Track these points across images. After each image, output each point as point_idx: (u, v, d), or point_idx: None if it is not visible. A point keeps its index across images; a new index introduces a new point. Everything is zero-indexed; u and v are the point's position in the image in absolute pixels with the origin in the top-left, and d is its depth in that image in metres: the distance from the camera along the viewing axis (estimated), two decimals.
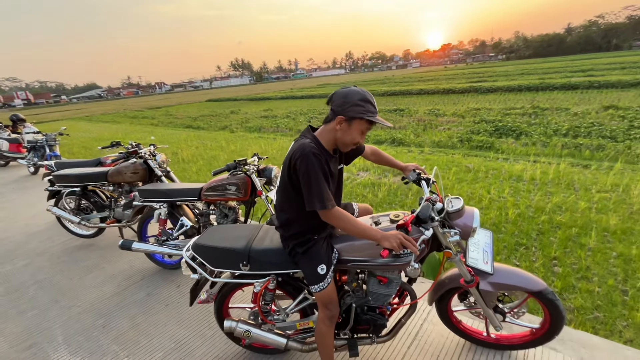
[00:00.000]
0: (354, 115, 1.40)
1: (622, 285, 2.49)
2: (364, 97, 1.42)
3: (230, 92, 50.96)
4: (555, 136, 7.72)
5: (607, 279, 2.57)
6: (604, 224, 3.36)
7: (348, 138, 1.47)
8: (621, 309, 2.26)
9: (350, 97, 1.41)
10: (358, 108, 1.40)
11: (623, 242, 3.04)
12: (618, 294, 2.39)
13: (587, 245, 3.01)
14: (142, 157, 3.43)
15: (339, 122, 1.43)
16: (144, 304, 2.68)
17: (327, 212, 1.42)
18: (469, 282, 1.66)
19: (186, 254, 1.79)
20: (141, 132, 14.14)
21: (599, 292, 2.44)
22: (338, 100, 1.43)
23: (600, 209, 3.70)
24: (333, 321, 1.60)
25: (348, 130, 1.44)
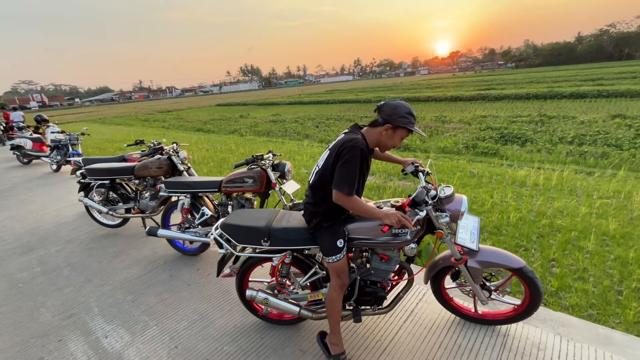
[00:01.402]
0: (399, 125, 1.68)
1: (618, 286, 2.63)
2: (410, 110, 1.70)
3: (240, 97, 51.79)
4: (561, 144, 7.85)
5: (603, 280, 2.70)
6: (604, 228, 3.49)
7: (390, 142, 1.76)
8: (615, 307, 2.40)
9: (399, 109, 1.69)
10: (404, 119, 1.68)
11: (621, 245, 3.18)
12: (613, 294, 2.53)
13: (585, 248, 3.15)
14: (167, 153, 3.73)
15: (387, 129, 1.71)
16: (168, 283, 2.97)
17: (348, 197, 1.69)
18: (459, 260, 1.93)
19: (215, 232, 2.09)
20: (153, 134, 14.60)
21: (595, 292, 2.58)
22: (388, 111, 1.70)
23: (601, 214, 3.84)
24: (343, 289, 1.88)
25: (392, 136, 1.73)
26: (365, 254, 1.99)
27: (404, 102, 1.73)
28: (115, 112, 37.55)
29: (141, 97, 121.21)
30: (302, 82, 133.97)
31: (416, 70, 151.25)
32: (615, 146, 7.28)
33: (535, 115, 11.49)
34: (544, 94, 17.34)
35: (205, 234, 3.12)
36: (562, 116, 11.04)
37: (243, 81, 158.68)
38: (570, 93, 16.61)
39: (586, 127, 9.14)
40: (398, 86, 40.39)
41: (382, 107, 1.73)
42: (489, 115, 12.58)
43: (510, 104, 16.15)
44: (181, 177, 3.47)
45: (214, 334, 2.30)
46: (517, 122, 10.67)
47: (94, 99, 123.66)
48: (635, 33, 67.74)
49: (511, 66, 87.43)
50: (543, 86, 21.44)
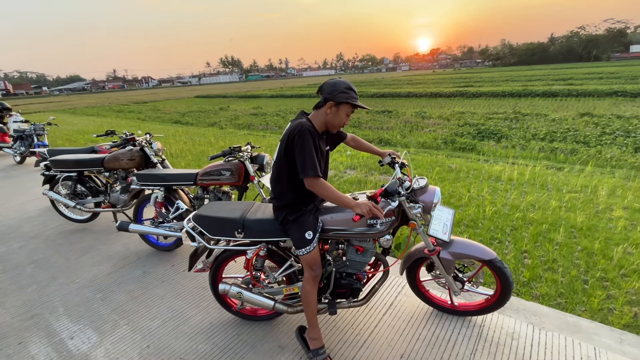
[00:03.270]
0: (341, 100, 1.69)
1: (584, 275, 2.76)
2: (349, 85, 1.73)
3: (220, 89, 50.57)
4: (534, 140, 8.13)
5: (571, 270, 2.82)
6: (572, 221, 3.65)
7: (336, 120, 1.75)
8: (581, 296, 2.52)
9: (338, 85, 1.71)
10: (344, 94, 1.70)
11: (587, 237, 3.33)
12: (580, 283, 2.65)
13: (555, 240, 3.28)
14: (139, 144, 3.56)
15: (330, 107, 1.72)
16: (141, 280, 2.84)
17: (315, 179, 1.66)
18: (432, 251, 1.95)
19: (187, 225, 2.01)
20: (127, 126, 14.01)
21: (563, 281, 2.69)
22: (328, 89, 1.73)
23: (570, 208, 4.01)
24: (316, 281, 1.86)
25: (337, 113, 1.74)
26: (341, 246, 1.97)
27: (343, 79, 1.74)
28: (87, 102, 35.74)
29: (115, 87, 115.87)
30: (267, 77, 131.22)
31: (398, 66, 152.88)
32: (584, 143, 7.62)
33: (511, 113, 11.85)
34: (518, 92, 17.92)
35: (180, 229, 3.01)
36: (535, 114, 11.45)
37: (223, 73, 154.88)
38: (543, 92, 17.25)
39: (557, 125, 9.52)
40: (380, 81, 40.63)
41: (322, 87, 1.74)
42: (467, 112, 12.88)
43: (487, 101, 16.62)
44: (154, 169, 3.32)
45: (188, 331, 2.22)
46: (494, 119, 10.98)
47: (63, 88, 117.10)
48: (603, 36, 71.35)
49: (488, 64, 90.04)
50: (518, 84, 22.16)
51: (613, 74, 25.93)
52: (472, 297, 2.37)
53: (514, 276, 2.79)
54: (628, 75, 23.32)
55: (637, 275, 2.69)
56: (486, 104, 15.75)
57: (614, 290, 2.55)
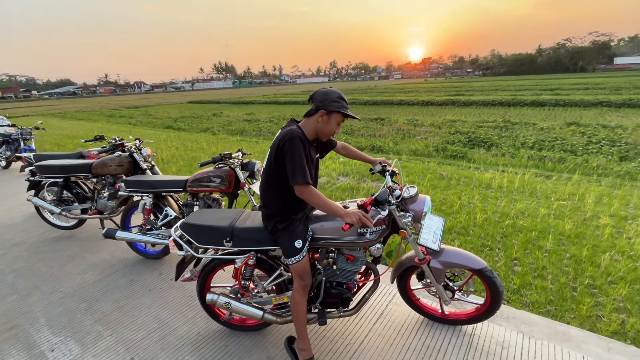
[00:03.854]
0: (332, 109, 1.70)
1: (573, 282, 2.79)
2: (340, 95, 1.74)
3: (213, 95, 50.49)
4: (523, 148, 8.27)
5: (560, 277, 2.85)
6: (561, 228, 3.70)
7: (327, 128, 1.76)
8: (570, 303, 2.53)
9: (329, 95, 1.72)
10: (336, 104, 1.70)
11: (576, 244, 3.38)
12: (568, 291, 2.68)
13: (544, 247, 3.32)
14: (128, 150, 3.50)
15: (321, 115, 1.72)
16: (127, 289, 2.77)
17: (305, 187, 1.65)
18: (422, 260, 1.94)
19: (174, 233, 1.97)
20: (118, 131, 13.85)
21: (552, 288, 2.71)
22: (320, 97, 1.73)
23: (558, 215, 4.07)
24: (306, 290, 1.83)
25: (328, 121, 1.74)
26: (332, 255, 1.95)
27: (335, 88, 1.76)
28: (78, 107, 35.26)
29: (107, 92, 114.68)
30: (259, 84, 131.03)
31: (390, 74, 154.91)
32: (571, 152, 7.78)
33: (500, 121, 12.06)
34: (508, 101, 18.28)
35: (168, 236, 2.95)
36: (524, 123, 11.67)
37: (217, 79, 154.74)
38: (531, 101, 17.64)
39: (545, 134, 9.71)
40: (372, 89, 41.07)
41: (314, 96, 1.75)
42: (458, 120, 13.07)
43: (478, 110, 16.91)
44: (143, 175, 3.27)
45: (174, 342, 2.16)
46: (484, 127, 11.15)
47: (53, 92, 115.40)
48: (588, 48, 73.58)
49: (479, 74, 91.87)
50: (507, 94, 22.61)
51: (598, 84, 26.67)
52: (462, 306, 2.36)
53: (505, 284, 2.80)
54: (612, 86, 24.01)
55: (624, 283, 2.72)
56: (477, 112, 16.02)
57: (602, 297, 2.57)
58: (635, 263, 2.97)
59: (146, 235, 2.96)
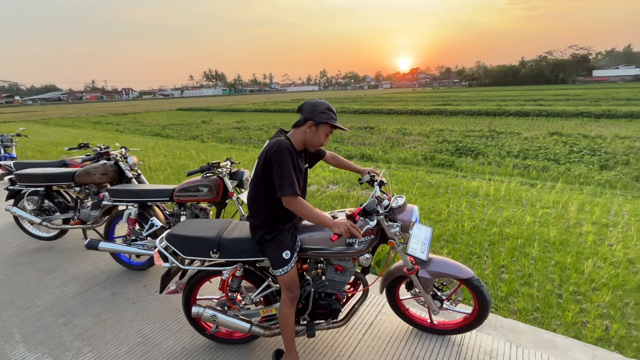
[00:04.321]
0: (321, 120, 1.70)
1: (558, 289, 2.83)
2: (328, 106, 1.75)
3: (202, 102, 50.23)
4: (508, 157, 8.46)
5: (546, 284, 2.90)
6: (545, 236, 3.77)
7: (316, 139, 1.76)
8: (556, 310, 2.57)
9: (318, 106, 1.73)
10: (324, 115, 1.71)
11: (560, 252, 3.45)
12: (554, 297, 2.72)
13: (530, 255, 3.37)
14: (114, 158, 3.43)
15: (309, 126, 1.73)
16: (109, 302, 2.68)
17: (293, 198, 1.64)
18: (410, 270, 1.94)
19: (160, 244, 1.92)
20: (105, 138, 13.60)
21: (539, 295, 2.75)
22: (308, 108, 1.73)
23: (543, 223, 4.15)
24: (294, 302, 1.81)
25: (316, 133, 1.74)
26: (320, 266, 1.94)
27: (323, 100, 1.77)
28: (62, 113, 34.52)
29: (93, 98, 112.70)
30: (240, 92, 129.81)
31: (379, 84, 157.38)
32: (554, 161, 8.00)
33: (486, 131, 12.34)
34: (493, 111, 18.77)
35: (153, 247, 2.88)
36: (509, 132, 11.97)
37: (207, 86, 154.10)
38: (516, 111, 18.15)
39: (529, 143, 9.97)
40: (362, 98, 41.59)
41: (302, 107, 1.76)
42: (445, 129, 13.32)
43: (464, 119, 17.28)
44: (129, 184, 3.20)
45: (158, 358, 2.09)
46: (470, 137, 11.39)
47: (37, 98, 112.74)
48: (568, 61, 76.52)
49: (465, 84, 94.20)
50: (492, 104, 23.20)
51: (579, 96, 27.66)
52: (451, 316, 2.37)
53: (493, 291, 2.83)
54: (592, 98, 24.94)
55: (607, 289, 2.78)
56: (463, 122, 16.36)
57: (586, 304, 2.62)
58: (616, 270, 3.05)
59: (130, 246, 2.88)
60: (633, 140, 9.72)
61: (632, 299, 2.66)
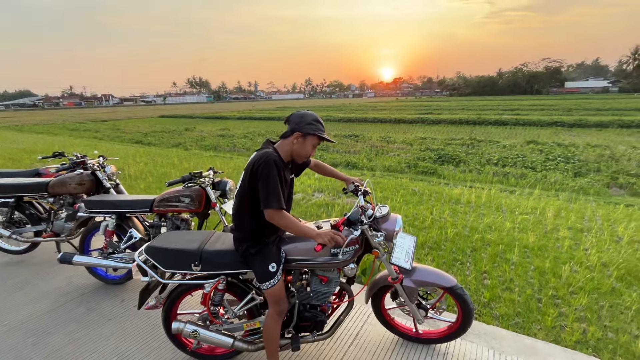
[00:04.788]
0: (308, 132, 1.71)
1: (538, 294, 2.90)
2: (316, 118, 1.75)
3: (186, 109, 49.55)
4: (488, 165, 8.71)
5: (526, 289, 2.96)
6: (525, 241, 3.87)
7: (303, 151, 1.75)
8: (536, 314, 2.63)
9: (305, 117, 1.73)
10: (311, 126, 1.71)
11: (539, 257, 3.54)
12: (534, 302, 2.78)
13: (511, 260, 3.45)
14: (91, 167, 3.31)
15: (296, 137, 1.72)
16: (83, 319, 2.55)
17: (277, 212, 1.63)
18: (395, 279, 1.95)
19: (139, 258, 1.85)
20: (82, 145, 13.16)
21: (519, 300, 2.81)
22: (295, 120, 1.73)
23: (522, 229, 4.26)
24: (281, 316, 1.78)
25: (303, 144, 1.74)
26: (305, 277, 1.91)
27: (311, 111, 1.78)
28: (37, 119, 33.24)
29: (71, 104, 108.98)
30: (225, 99, 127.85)
31: (363, 92, 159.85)
32: (531, 168, 8.29)
33: (467, 139, 12.69)
34: (473, 120, 19.38)
35: (132, 260, 2.78)
36: (488, 140, 12.36)
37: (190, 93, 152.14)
38: (495, 120, 18.80)
39: (508, 151, 10.32)
40: (347, 107, 42.09)
41: (290, 118, 1.76)
42: (428, 137, 13.61)
43: (446, 128, 17.74)
44: (106, 195, 3.09)
45: None
46: (452, 145, 11.68)
47: (10, 103, 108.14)
48: (542, 73, 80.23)
49: (446, 94, 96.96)
50: (472, 113, 23.97)
51: (552, 106, 28.95)
52: (436, 324, 2.38)
53: (476, 297, 2.87)
54: (565, 108, 26.15)
55: (583, 292, 2.87)
56: (445, 130, 16.79)
57: (564, 308, 2.69)
58: (592, 273, 3.15)
59: (107, 259, 2.76)
60: (603, 148, 10.22)
61: (607, 301, 2.76)
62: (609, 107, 25.06)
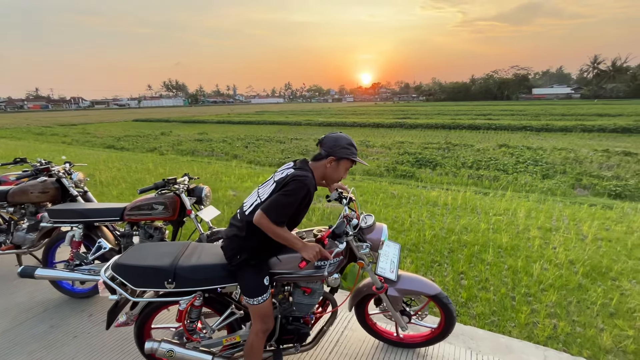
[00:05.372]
0: (342, 156, 1.68)
1: (512, 292, 2.99)
2: (350, 142, 1.73)
3: (162, 113, 48.17)
4: (463, 168, 8.99)
5: (501, 288, 3.05)
6: (499, 241, 4.00)
7: (336, 175, 1.74)
8: (510, 312, 2.71)
9: (339, 141, 1.70)
10: (346, 150, 1.69)
11: (512, 256, 3.66)
12: (508, 300, 2.86)
13: (486, 260, 3.55)
14: (56, 174, 3.12)
15: (330, 162, 1.70)
16: (46, 337, 2.37)
17: (270, 222, 1.58)
18: (379, 289, 1.93)
19: (104, 274, 1.72)
20: (48, 151, 12.47)
21: (495, 299, 2.89)
22: (330, 143, 1.71)
23: (496, 230, 4.41)
24: (266, 334, 1.72)
25: (337, 168, 1.72)
26: (287, 288, 1.86)
27: (344, 134, 1.76)
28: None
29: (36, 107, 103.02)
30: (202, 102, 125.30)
31: (343, 97, 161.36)
32: (503, 170, 8.63)
33: (443, 143, 13.07)
34: (448, 124, 20.01)
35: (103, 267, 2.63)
36: (463, 144, 12.78)
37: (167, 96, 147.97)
38: (469, 125, 19.51)
39: (481, 154, 10.70)
40: (326, 111, 42.40)
41: (323, 140, 1.74)
42: (405, 142, 13.91)
43: (423, 132, 18.21)
44: (72, 203, 2.92)
45: None
46: (429, 148, 11.98)
47: None
48: (511, 79, 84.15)
49: (422, 99, 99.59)
50: (447, 118, 24.75)
51: (521, 111, 30.37)
52: (417, 329, 2.39)
53: (453, 297, 2.92)
54: (533, 113, 27.51)
55: (553, 289, 2.99)
56: (422, 134, 17.23)
57: (536, 305, 2.79)
58: (560, 271, 3.30)
59: (74, 272, 2.60)
60: (568, 151, 10.80)
61: (575, 297, 2.89)
62: (573, 113, 26.61)
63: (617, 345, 2.33)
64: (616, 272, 3.28)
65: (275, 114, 37.58)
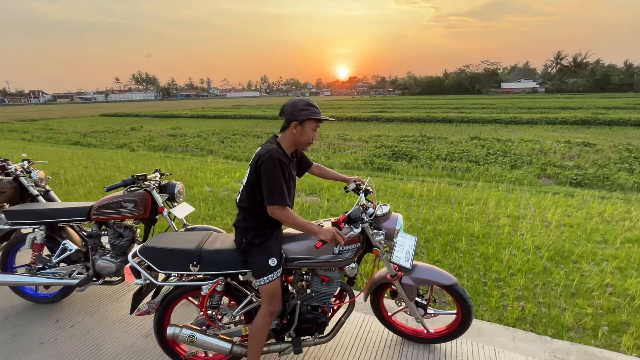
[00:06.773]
0: (304, 118, 1.66)
1: (483, 278, 3.13)
2: (308, 102, 1.71)
3: (131, 107, 46.07)
4: (437, 160, 9.23)
5: (473, 274, 3.18)
6: (471, 230, 4.16)
7: (304, 137, 1.72)
8: (483, 297, 2.83)
9: (297, 104, 1.69)
10: (305, 112, 1.68)
11: (483, 244, 3.82)
12: (480, 286, 2.99)
13: (460, 249, 3.68)
14: (13, 173, 2.91)
15: (294, 127, 1.68)
16: (8, 346, 2.23)
17: (281, 207, 1.62)
18: (394, 277, 1.96)
19: (132, 259, 1.77)
20: (6, 148, 11.63)
21: (468, 285, 3.01)
22: (288, 110, 1.70)
23: (469, 219, 4.58)
24: (273, 317, 1.73)
25: (302, 131, 1.70)
26: (306, 277, 1.89)
27: (301, 96, 1.77)
28: None
29: None
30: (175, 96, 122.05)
31: (320, 91, 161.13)
32: (475, 162, 8.95)
33: (418, 136, 13.36)
34: (423, 118, 20.48)
35: (68, 274, 2.49)
36: (437, 137, 13.12)
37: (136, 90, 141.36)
38: (442, 118, 20.04)
39: (454, 147, 11.04)
40: None
41: (282, 109, 1.74)
42: (382, 135, 14.10)
43: (399, 126, 18.53)
44: (33, 204, 2.73)
45: None
46: (405, 142, 12.22)
47: None
48: (482, 74, 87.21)
49: (398, 93, 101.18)
50: (422, 112, 25.29)
51: (491, 105, 31.57)
52: (434, 324, 2.37)
53: None
54: (502, 107, 28.66)
55: (521, 274, 3.16)
56: (398, 128, 17.53)
57: (506, 289, 2.94)
58: (527, 256, 3.49)
59: (37, 276, 2.45)
60: (534, 143, 11.36)
61: (540, 280, 3.07)
62: (538, 106, 27.96)
63: (578, 322, 2.50)
64: (577, 255, 3.51)
65: (252, 108, 36.90)
